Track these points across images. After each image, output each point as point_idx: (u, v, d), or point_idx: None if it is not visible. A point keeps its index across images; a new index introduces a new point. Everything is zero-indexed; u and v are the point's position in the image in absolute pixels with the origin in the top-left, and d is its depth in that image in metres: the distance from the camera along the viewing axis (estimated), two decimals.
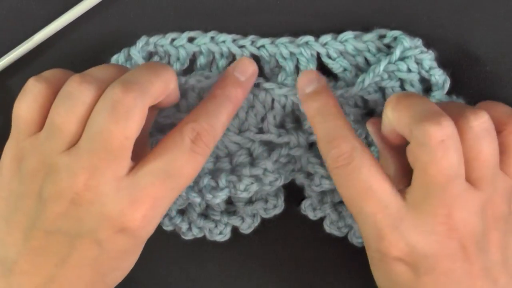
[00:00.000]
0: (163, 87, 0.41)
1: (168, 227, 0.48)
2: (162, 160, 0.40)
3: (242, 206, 0.48)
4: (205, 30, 0.48)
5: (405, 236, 0.40)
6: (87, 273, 0.40)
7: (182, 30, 0.48)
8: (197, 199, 0.46)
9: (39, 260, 0.40)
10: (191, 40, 0.47)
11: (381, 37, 0.46)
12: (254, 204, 0.48)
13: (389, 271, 0.41)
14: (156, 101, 0.41)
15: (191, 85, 0.45)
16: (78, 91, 0.40)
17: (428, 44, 0.46)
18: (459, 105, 0.43)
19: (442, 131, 0.38)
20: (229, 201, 0.49)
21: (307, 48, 0.46)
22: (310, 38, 0.46)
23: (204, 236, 0.48)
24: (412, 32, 0.46)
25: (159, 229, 0.48)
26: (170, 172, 0.40)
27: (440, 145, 0.38)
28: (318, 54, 0.47)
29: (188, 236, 0.48)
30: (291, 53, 0.46)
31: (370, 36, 0.46)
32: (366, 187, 0.40)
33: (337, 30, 0.47)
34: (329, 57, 0.46)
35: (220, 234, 0.48)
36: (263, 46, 0.47)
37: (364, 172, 0.40)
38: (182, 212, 0.48)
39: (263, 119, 0.46)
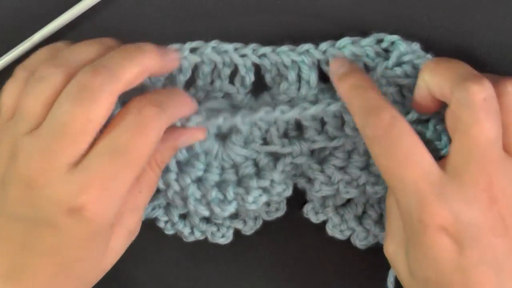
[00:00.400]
0: (138, 71, 0.41)
1: (170, 232, 0.48)
2: (107, 138, 0.39)
3: (244, 209, 0.48)
4: (205, 30, 0.48)
5: (449, 203, 0.39)
6: (49, 262, 0.40)
7: (182, 30, 0.48)
8: (206, 212, 0.46)
9: (2, 248, 0.40)
10: (192, 50, 0.46)
11: (379, 41, 0.46)
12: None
13: (431, 246, 0.39)
14: (130, 86, 0.41)
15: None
16: (46, 75, 0.40)
17: (427, 46, 0.46)
18: (493, 75, 0.43)
19: (485, 91, 0.39)
20: None
21: (308, 56, 0.46)
22: (310, 46, 0.46)
23: (205, 238, 0.49)
24: (411, 34, 0.46)
25: (160, 231, 0.48)
26: (116, 148, 0.39)
27: (483, 104, 0.38)
28: (318, 61, 0.47)
29: (190, 239, 0.48)
30: (293, 61, 0.46)
31: (367, 41, 0.46)
32: (407, 154, 0.40)
33: (337, 31, 0.47)
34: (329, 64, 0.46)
35: (223, 237, 0.48)
36: (264, 55, 0.46)
37: (406, 140, 0.40)
38: (183, 216, 0.48)
39: (266, 130, 0.47)
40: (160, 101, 0.41)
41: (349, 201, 0.48)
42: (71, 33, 0.48)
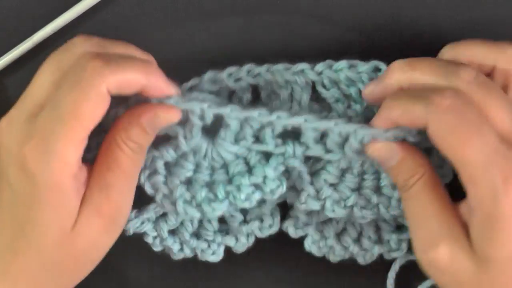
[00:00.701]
0: (135, 77, 0.41)
1: (158, 248, 0.47)
2: (55, 91, 0.40)
3: (237, 226, 0.47)
4: (205, 31, 0.48)
5: None
6: (7, 218, 0.41)
7: (182, 30, 0.48)
8: (197, 214, 0.45)
9: None
10: (191, 88, 0.46)
11: (377, 69, 0.45)
12: (249, 224, 0.47)
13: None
14: (122, 89, 0.41)
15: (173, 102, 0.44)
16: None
17: (427, 46, 0.46)
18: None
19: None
20: (223, 220, 0.48)
21: (302, 76, 0.45)
22: (305, 66, 0.45)
23: (195, 256, 0.48)
24: (411, 34, 0.46)
25: (148, 249, 0.47)
26: (56, 102, 0.40)
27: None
28: (313, 82, 0.46)
29: (179, 257, 0.47)
30: (286, 81, 0.45)
31: (365, 68, 0.44)
32: (481, 121, 0.39)
33: (337, 31, 0.47)
34: (324, 86, 0.45)
35: (213, 254, 0.47)
36: (259, 74, 0.46)
37: (475, 110, 0.39)
38: (172, 232, 0.47)
39: (259, 129, 0.45)
40: (110, 57, 0.41)
41: (330, 219, 0.47)
42: (71, 33, 0.48)
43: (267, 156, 0.45)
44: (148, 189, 0.45)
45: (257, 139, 0.45)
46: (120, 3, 0.48)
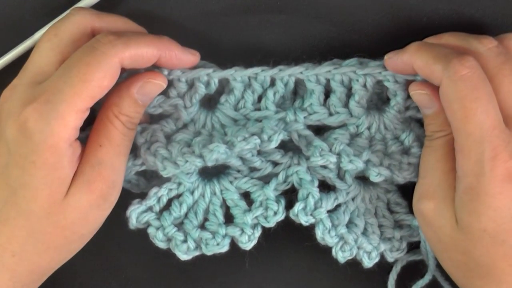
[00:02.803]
0: (150, 50, 0.43)
1: (162, 242, 0.46)
2: (66, 60, 0.42)
3: (241, 215, 0.46)
4: (205, 30, 0.48)
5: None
6: (1, 181, 0.42)
7: (182, 30, 0.48)
8: (198, 162, 0.44)
9: None
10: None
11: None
12: (253, 211, 0.46)
13: (495, 195, 0.40)
14: (137, 64, 0.42)
15: (176, 75, 0.45)
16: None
17: None
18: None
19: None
20: (229, 220, 0.47)
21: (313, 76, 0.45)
22: (310, 66, 0.46)
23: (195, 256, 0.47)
24: (411, 34, 0.46)
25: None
26: (66, 67, 0.41)
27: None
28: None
29: (183, 251, 0.46)
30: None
31: (375, 64, 0.45)
32: (489, 99, 0.40)
33: (337, 31, 0.47)
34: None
35: (218, 245, 0.46)
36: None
37: (487, 84, 0.41)
38: (177, 227, 0.47)
39: (260, 97, 0.46)
40: (121, 33, 0.42)
41: (336, 208, 0.47)
42: None
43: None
44: (148, 157, 0.45)
45: (257, 109, 0.46)
46: (120, 3, 0.48)
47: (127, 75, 0.44)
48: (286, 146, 0.47)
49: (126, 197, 0.46)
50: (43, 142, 0.40)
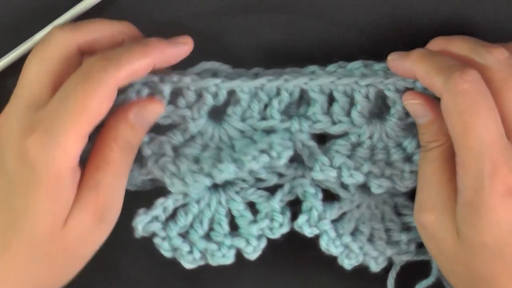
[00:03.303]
0: (143, 63, 0.42)
1: (168, 252, 0.46)
2: (62, 86, 0.41)
3: (246, 226, 0.46)
4: (205, 30, 0.48)
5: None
6: (1, 208, 0.42)
7: (182, 30, 0.47)
8: (206, 181, 0.44)
9: None
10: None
11: None
12: (259, 223, 0.46)
13: (495, 209, 0.40)
14: (134, 77, 0.42)
15: (186, 83, 0.45)
16: None
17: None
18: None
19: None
20: (234, 228, 0.47)
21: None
22: (315, 68, 0.46)
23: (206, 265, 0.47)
24: (411, 34, 0.46)
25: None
26: (62, 95, 0.41)
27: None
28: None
29: (188, 261, 0.46)
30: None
31: (380, 66, 0.45)
32: (490, 113, 0.40)
33: (337, 31, 0.47)
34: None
35: (223, 257, 0.46)
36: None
37: (489, 98, 0.40)
38: (182, 236, 0.47)
39: (266, 105, 0.46)
40: (111, 53, 0.42)
41: (341, 217, 0.47)
42: None
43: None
44: (156, 172, 0.45)
45: (263, 118, 0.46)
46: (120, 3, 0.48)
47: (123, 101, 0.44)
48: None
49: (129, 200, 0.46)
50: (46, 172, 0.40)
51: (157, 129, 0.46)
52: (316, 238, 0.47)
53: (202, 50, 0.48)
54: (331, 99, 0.45)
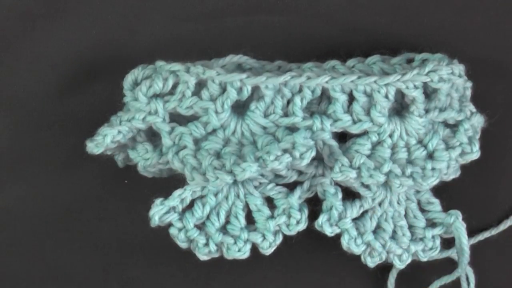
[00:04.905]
0: None
1: (184, 243, 0.46)
2: None
3: (263, 221, 0.46)
4: (205, 30, 0.48)
5: None
6: None
7: (182, 30, 0.48)
8: (227, 178, 0.44)
9: None
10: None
11: (409, 61, 0.46)
12: (276, 219, 0.46)
13: None
14: None
15: (210, 76, 0.44)
16: None
17: (427, 46, 0.46)
18: None
19: None
20: (250, 221, 0.47)
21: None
22: (336, 62, 0.46)
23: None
24: (411, 34, 0.46)
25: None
26: None
27: None
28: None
29: (204, 253, 0.46)
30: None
31: (397, 60, 0.45)
32: None
33: (337, 31, 0.47)
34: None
35: (239, 251, 0.46)
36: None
37: None
38: (199, 228, 0.47)
39: (289, 101, 0.45)
40: None
41: (363, 215, 0.47)
42: (70, 34, 0.48)
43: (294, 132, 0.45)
44: (177, 164, 0.45)
45: (285, 115, 0.45)
46: (120, 3, 0.48)
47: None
48: None
49: (129, 197, 0.46)
50: None
51: (178, 120, 0.45)
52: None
53: (202, 50, 0.48)
54: (351, 98, 0.45)
